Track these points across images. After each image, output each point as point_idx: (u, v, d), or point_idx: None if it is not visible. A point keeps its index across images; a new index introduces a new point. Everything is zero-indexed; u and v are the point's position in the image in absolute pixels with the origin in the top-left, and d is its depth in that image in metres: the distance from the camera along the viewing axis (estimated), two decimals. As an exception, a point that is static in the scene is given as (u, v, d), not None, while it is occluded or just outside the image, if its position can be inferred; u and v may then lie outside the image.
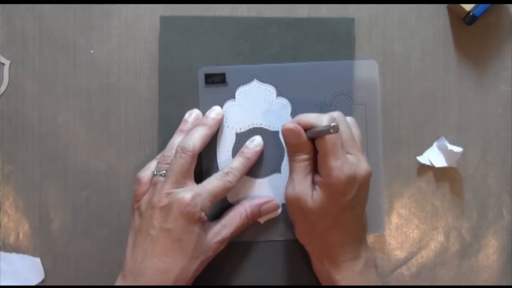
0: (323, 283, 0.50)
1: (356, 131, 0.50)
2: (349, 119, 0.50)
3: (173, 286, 0.47)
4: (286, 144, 0.49)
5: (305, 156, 0.48)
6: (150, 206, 0.48)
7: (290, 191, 0.48)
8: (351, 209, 0.48)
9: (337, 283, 0.48)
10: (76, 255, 0.54)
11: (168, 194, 0.47)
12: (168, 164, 0.49)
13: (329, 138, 0.46)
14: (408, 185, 0.55)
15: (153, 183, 0.50)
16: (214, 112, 0.53)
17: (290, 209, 0.49)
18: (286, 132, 0.48)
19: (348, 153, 0.47)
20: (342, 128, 0.48)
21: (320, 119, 0.47)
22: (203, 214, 0.47)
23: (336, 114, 0.49)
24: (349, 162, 0.46)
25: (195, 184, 0.49)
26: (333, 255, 0.48)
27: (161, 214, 0.47)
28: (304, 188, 0.47)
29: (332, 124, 0.44)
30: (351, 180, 0.46)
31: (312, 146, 0.48)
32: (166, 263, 0.46)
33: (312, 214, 0.47)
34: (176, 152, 0.49)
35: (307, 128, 0.48)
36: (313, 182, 0.48)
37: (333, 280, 0.48)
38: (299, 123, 0.48)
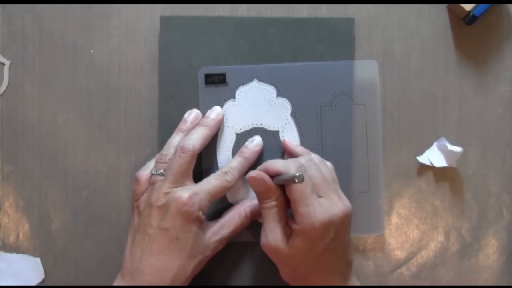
0: None
1: (326, 170, 0.49)
2: (316, 158, 0.50)
3: (171, 286, 0.47)
4: (254, 191, 0.48)
5: (272, 203, 0.47)
6: (148, 205, 0.48)
7: (263, 241, 0.47)
8: (332, 250, 0.47)
9: None
10: (76, 255, 0.54)
11: (166, 193, 0.47)
12: (166, 163, 0.49)
13: (297, 185, 0.45)
14: (408, 185, 0.55)
15: (151, 182, 0.50)
16: (214, 112, 0.53)
17: (269, 256, 0.48)
18: (250, 180, 0.47)
19: (320, 196, 0.46)
20: (312, 172, 0.47)
21: (287, 167, 0.47)
22: (200, 213, 0.47)
23: (304, 159, 0.48)
24: (322, 206, 0.45)
25: (193, 184, 0.49)
26: None
27: (159, 213, 0.47)
28: (277, 237, 0.46)
29: (297, 174, 0.44)
30: (327, 224, 0.45)
31: (281, 192, 0.47)
32: (163, 262, 0.46)
33: (291, 260, 0.47)
34: (176, 151, 0.49)
35: (275, 175, 0.47)
36: (290, 228, 0.47)
37: None
38: (266, 170, 0.47)
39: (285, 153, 0.53)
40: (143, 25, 0.54)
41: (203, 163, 0.53)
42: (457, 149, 0.53)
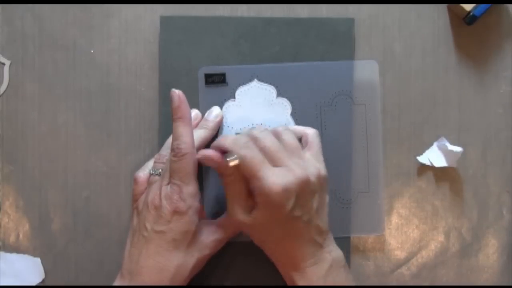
0: None
1: (289, 138, 0.48)
2: (281, 128, 0.49)
3: (171, 286, 0.47)
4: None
5: (230, 178, 0.47)
6: (146, 206, 0.48)
7: (228, 216, 0.48)
8: (297, 218, 0.46)
9: None
10: (76, 255, 0.54)
11: (161, 193, 0.47)
12: (164, 163, 0.49)
13: (245, 162, 0.45)
14: (408, 185, 0.55)
15: (149, 182, 0.50)
16: (213, 114, 0.52)
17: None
18: (200, 160, 0.47)
19: (276, 165, 0.46)
20: (265, 143, 0.46)
21: (235, 143, 0.46)
22: (194, 208, 0.47)
23: (257, 131, 0.47)
24: (275, 175, 0.44)
25: (194, 182, 0.48)
26: (294, 261, 0.48)
27: (154, 215, 0.47)
28: (237, 210, 0.47)
29: (228, 158, 0.44)
30: (285, 192, 0.44)
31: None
32: (161, 263, 0.47)
33: (257, 231, 0.48)
34: (170, 152, 0.48)
35: (225, 152, 0.47)
36: (253, 200, 0.47)
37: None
38: (218, 146, 0.47)
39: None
40: (143, 25, 0.54)
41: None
42: (457, 149, 0.53)
